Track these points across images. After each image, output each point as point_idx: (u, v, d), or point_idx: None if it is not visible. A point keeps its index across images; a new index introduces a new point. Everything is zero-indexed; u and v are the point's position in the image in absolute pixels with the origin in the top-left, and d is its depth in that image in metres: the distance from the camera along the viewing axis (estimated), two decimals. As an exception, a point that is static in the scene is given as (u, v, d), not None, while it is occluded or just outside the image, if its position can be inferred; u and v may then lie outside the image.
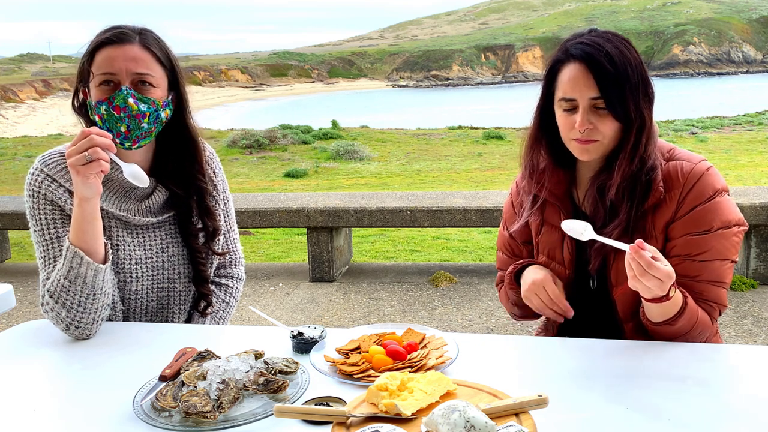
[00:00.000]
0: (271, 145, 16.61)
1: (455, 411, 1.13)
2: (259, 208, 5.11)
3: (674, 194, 1.62)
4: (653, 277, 1.41)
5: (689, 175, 1.62)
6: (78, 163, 1.55)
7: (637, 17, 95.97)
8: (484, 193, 5.56)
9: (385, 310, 4.53)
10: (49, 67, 69.48)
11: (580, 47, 1.59)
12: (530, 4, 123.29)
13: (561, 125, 1.64)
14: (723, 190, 1.62)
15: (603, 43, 1.58)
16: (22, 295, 4.90)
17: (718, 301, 1.64)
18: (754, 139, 16.19)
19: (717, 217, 1.60)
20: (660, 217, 1.63)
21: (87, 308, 1.68)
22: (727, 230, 1.60)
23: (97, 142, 1.55)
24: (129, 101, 1.66)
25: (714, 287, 1.63)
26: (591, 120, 1.58)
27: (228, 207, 2.03)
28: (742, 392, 1.36)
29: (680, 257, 1.62)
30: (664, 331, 1.60)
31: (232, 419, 1.27)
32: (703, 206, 1.60)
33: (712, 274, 1.62)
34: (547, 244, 1.80)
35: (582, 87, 1.57)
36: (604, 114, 1.58)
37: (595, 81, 1.56)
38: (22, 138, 22.60)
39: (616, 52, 1.57)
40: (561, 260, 1.77)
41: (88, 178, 1.56)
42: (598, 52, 1.56)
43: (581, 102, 1.58)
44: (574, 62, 1.59)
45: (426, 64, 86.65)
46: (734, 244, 1.62)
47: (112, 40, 1.69)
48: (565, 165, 1.75)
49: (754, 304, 4.33)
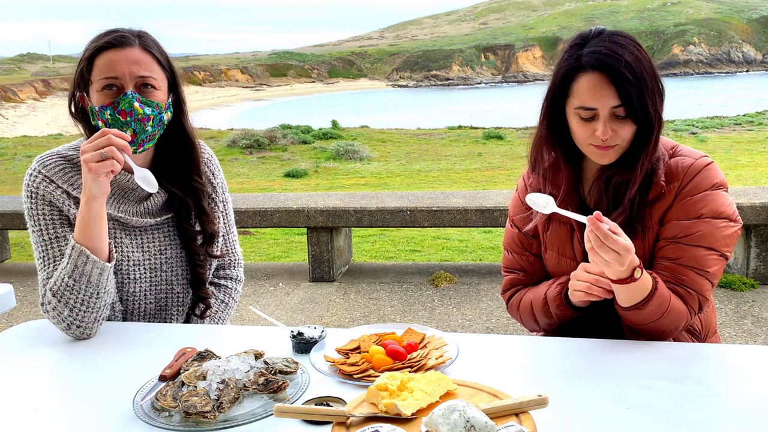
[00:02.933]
0: (271, 145, 16.62)
1: (455, 411, 1.13)
2: (259, 208, 5.11)
3: (673, 187, 1.65)
4: (610, 249, 1.43)
5: (689, 169, 1.64)
6: (92, 159, 1.56)
7: (637, 17, 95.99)
8: (484, 193, 5.55)
9: (385, 310, 4.53)
10: (49, 67, 69.50)
11: (596, 56, 1.57)
12: (530, 4, 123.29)
13: (578, 132, 1.64)
14: (720, 184, 1.64)
15: (619, 50, 1.57)
16: (22, 295, 4.90)
17: (697, 289, 1.62)
18: (754, 139, 16.19)
19: (707, 206, 1.62)
20: (658, 210, 1.66)
21: (90, 307, 1.68)
22: (716, 220, 1.61)
23: (113, 142, 1.57)
24: (135, 105, 1.65)
25: (694, 273, 1.62)
26: (613, 127, 1.59)
27: (227, 209, 2.03)
28: (742, 392, 1.36)
29: (666, 239, 1.64)
30: (634, 317, 1.60)
31: (232, 419, 1.27)
32: (698, 195, 1.62)
33: (693, 260, 1.61)
34: (556, 240, 1.81)
35: (603, 96, 1.57)
36: (624, 120, 1.59)
37: (616, 90, 1.56)
38: (22, 138, 22.61)
39: (633, 58, 1.57)
40: (572, 255, 1.78)
41: (99, 175, 1.57)
42: (617, 62, 1.55)
43: (602, 111, 1.58)
44: (593, 72, 1.57)
45: (426, 64, 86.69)
46: (723, 237, 1.62)
47: (112, 44, 1.68)
48: (572, 162, 1.76)
49: (754, 304, 4.33)
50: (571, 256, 1.78)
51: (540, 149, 1.77)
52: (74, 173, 1.76)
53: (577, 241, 1.77)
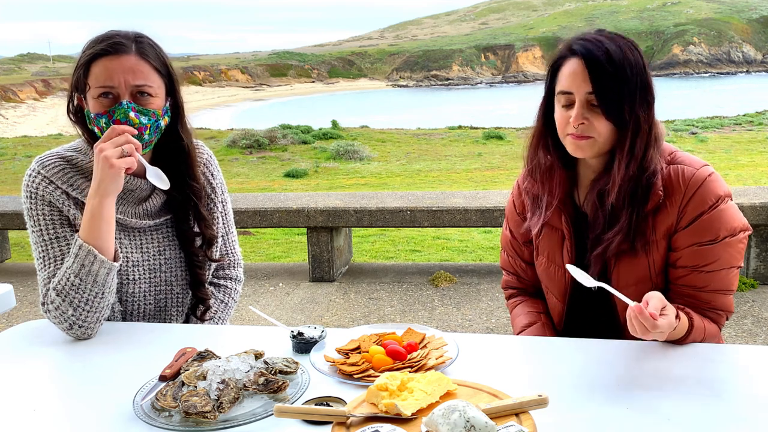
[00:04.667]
0: (271, 145, 16.62)
1: (455, 411, 1.13)
2: (259, 208, 5.11)
3: (675, 200, 1.60)
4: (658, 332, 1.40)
5: (690, 181, 1.60)
6: (114, 155, 1.58)
7: (637, 17, 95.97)
8: (484, 193, 5.55)
9: (385, 310, 4.53)
10: (49, 67, 69.48)
11: (581, 43, 1.60)
12: (530, 4, 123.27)
13: (558, 120, 1.64)
14: (726, 196, 1.60)
15: (605, 41, 1.58)
16: (22, 295, 4.90)
17: (725, 308, 1.65)
18: (754, 139, 16.19)
19: (722, 226, 1.58)
20: (661, 223, 1.62)
21: (93, 307, 1.68)
22: (733, 238, 1.59)
23: (132, 141, 1.61)
24: (130, 115, 1.65)
25: (721, 296, 1.63)
26: (586, 115, 1.58)
27: (226, 209, 2.03)
28: (743, 392, 1.36)
29: (687, 268, 1.62)
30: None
31: (232, 419, 1.27)
32: (707, 215, 1.58)
33: (720, 283, 1.62)
34: (548, 246, 1.80)
35: (579, 81, 1.57)
36: (598, 111, 1.57)
37: (590, 77, 1.56)
38: (22, 138, 22.62)
39: (617, 52, 1.56)
40: (560, 263, 1.77)
41: (121, 170, 1.60)
42: (598, 49, 1.56)
43: (578, 96, 1.58)
44: (575, 57, 1.59)
45: (426, 64, 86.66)
46: (740, 251, 1.62)
47: (107, 51, 1.67)
48: (566, 165, 1.74)
49: (754, 304, 4.33)
50: (560, 264, 1.77)
51: (536, 149, 1.76)
52: (73, 174, 1.76)
53: (566, 250, 1.75)
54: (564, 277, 1.76)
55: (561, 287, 1.79)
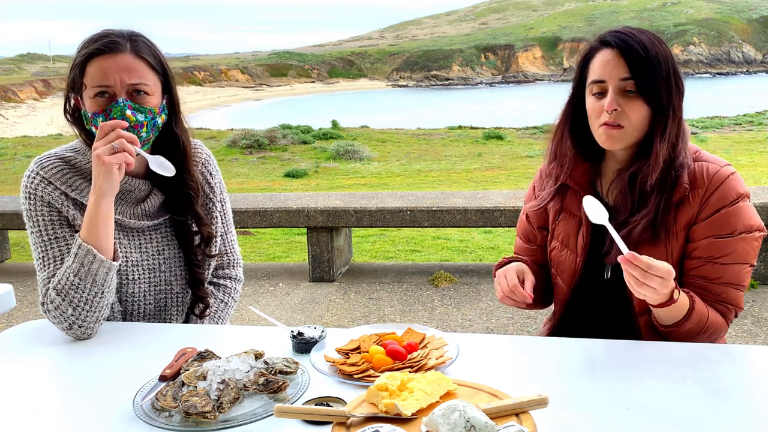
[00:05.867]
0: (271, 145, 16.62)
1: (455, 411, 1.13)
2: (259, 208, 5.11)
3: (698, 194, 1.63)
4: (654, 276, 1.42)
5: (714, 177, 1.64)
6: (104, 153, 1.58)
7: (637, 17, 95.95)
8: (484, 193, 5.55)
9: (385, 310, 4.53)
10: (49, 67, 69.50)
11: (613, 34, 1.64)
12: (530, 4, 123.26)
13: (590, 110, 1.66)
14: (745, 195, 1.64)
15: (636, 33, 1.63)
16: (22, 295, 4.90)
17: (734, 303, 1.66)
18: (754, 139, 16.19)
19: (740, 221, 1.62)
20: (682, 215, 1.65)
21: (93, 306, 1.68)
22: (749, 234, 1.62)
23: (123, 135, 1.59)
24: (126, 113, 1.65)
25: (732, 290, 1.65)
26: (620, 102, 1.60)
27: (225, 209, 2.03)
28: (743, 392, 1.36)
29: (702, 259, 1.64)
30: (675, 334, 1.62)
31: (232, 419, 1.27)
32: (726, 209, 1.61)
33: (732, 277, 1.64)
34: (563, 231, 1.82)
35: (613, 68, 1.61)
36: (633, 97, 1.60)
37: (626, 63, 1.59)
38: (22, 138, 22.62)
39: (649, 42, 1.61)
40: (574, 247, 1.79)
41: (112, 167, 1.59)
42: (631, 39, 1.61)
43: (611, 83, 1.61)
44: (607, 48, 1.63)
45: (426, 64, 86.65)
46: (755, 248, 1.65)
47: (102, 50, 1.67)
48: (591, 159, 1.76)
49: (754, 304, 4.33)
50: (574, 249, 1.79)
51: (559, 141, 1.77)
52: (72, 174, 1.76)
53: (581, 236, 1.77)
54: (575, 262, 1.78)
55: (570, 272, 1.81)
